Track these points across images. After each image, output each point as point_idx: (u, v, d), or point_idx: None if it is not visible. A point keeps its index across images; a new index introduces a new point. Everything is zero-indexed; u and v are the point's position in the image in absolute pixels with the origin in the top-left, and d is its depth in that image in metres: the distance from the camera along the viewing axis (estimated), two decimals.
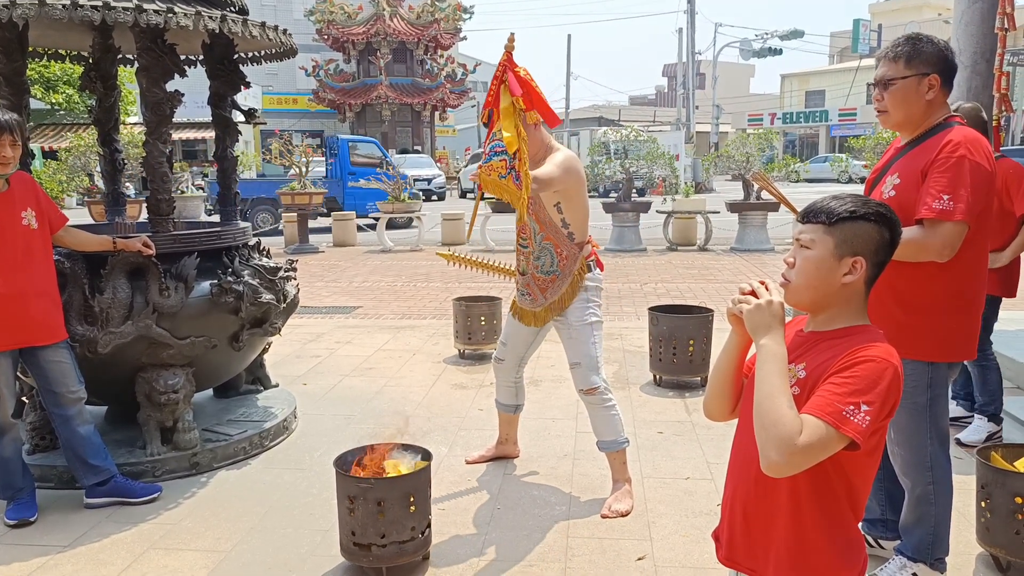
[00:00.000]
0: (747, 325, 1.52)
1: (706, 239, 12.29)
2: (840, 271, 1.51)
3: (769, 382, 1.43)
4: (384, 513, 2.62)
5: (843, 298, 1.53)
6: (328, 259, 11.74)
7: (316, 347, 6.10)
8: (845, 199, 1.54)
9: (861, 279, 1.51)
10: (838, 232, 1.51)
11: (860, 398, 1.38)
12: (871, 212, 1.52)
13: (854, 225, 1.51)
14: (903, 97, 2.38)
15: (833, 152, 38.35)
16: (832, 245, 1.51)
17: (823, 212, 1.53)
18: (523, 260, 3.35)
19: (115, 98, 4.33)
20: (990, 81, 4.84)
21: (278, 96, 37.88)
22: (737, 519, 1.62)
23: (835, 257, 1.51)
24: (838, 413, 1.37)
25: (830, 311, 1.55)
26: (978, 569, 2.73)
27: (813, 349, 1.53)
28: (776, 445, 1.37)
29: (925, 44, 2.36)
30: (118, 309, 3.41)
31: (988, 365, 3.88)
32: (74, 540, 3.03)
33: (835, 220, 1.51)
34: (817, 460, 1.39)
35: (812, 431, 1.37)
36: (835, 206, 1.53)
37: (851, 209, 1.51)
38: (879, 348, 1.46)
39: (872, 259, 1.52)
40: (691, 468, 3.64)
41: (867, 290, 1.54)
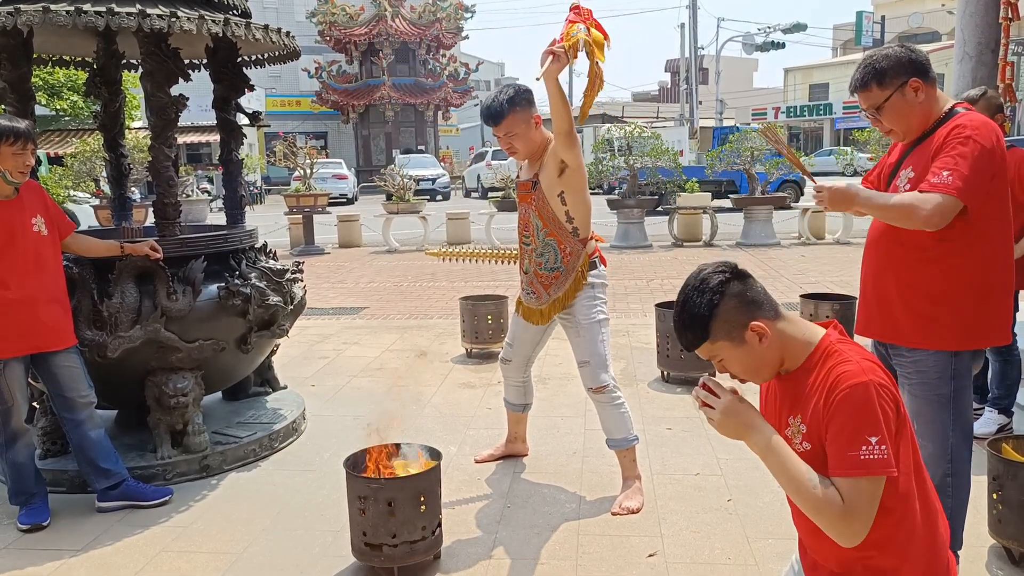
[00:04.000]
0: (727, 436, 1.56)
1: (712, 235, 12.27)
2: (754, 345, 1.54)
3: (784, 476, 1.47)
4: (395, 513, 2.62)
5: (780, 348, 1.56)
6: (334, 260, 11.76)
7: (324, 348, 6.12)
8: (687, 310, 1.56)
9: (772, 327, 1.54)
10: (718, 334, 1.55)
11: (865, 435, 1.41)
12: (712, 296, 1.54)
13: (717, 319, 1.54)
14: (898, 113, 2.39)
15: (838, 145, 38.22)
16: (728, 344, 1.55)
17: (692, 338, 1.57)
18: (526, 258, 3.35)
19: (120, 103, 4.35)
20: (995, 71, 4.82)
21: (281, 98, 37.96)
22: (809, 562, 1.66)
23: (741, 344, 1.55)
24: (858, 462, 1.40)
25: (785, 360, 1.58)
26: (991, 561, 2.72)
27: (800, 392, 1.55)
28: (833, 524, 1.42)
29: (882, 60, 2.36)
30: (127, 313, 3.42)
31: (1011, 360, 3.84)
32: (86, 544, 3.04)
33: (706, 333, 1.55)
34: (875, 509, 1.42)
35: (850, 493, 1.40)
36: (690, 324, 1.56)
37: (702, 315, 1.54)
38: (850, 371, 1.47)
39: (757, 310, 1.55)
40: (700, 464, 3.63)
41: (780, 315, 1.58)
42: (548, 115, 3.12)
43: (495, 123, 3.17)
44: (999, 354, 3.83)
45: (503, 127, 3.16)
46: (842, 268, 9.29)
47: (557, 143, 3.11)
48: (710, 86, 39.24)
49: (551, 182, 3.18)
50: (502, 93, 3.18)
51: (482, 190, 25.45)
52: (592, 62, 3.07)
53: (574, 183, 3.19)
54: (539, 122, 3.24)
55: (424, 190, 20.97)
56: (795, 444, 1.51)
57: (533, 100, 3.21)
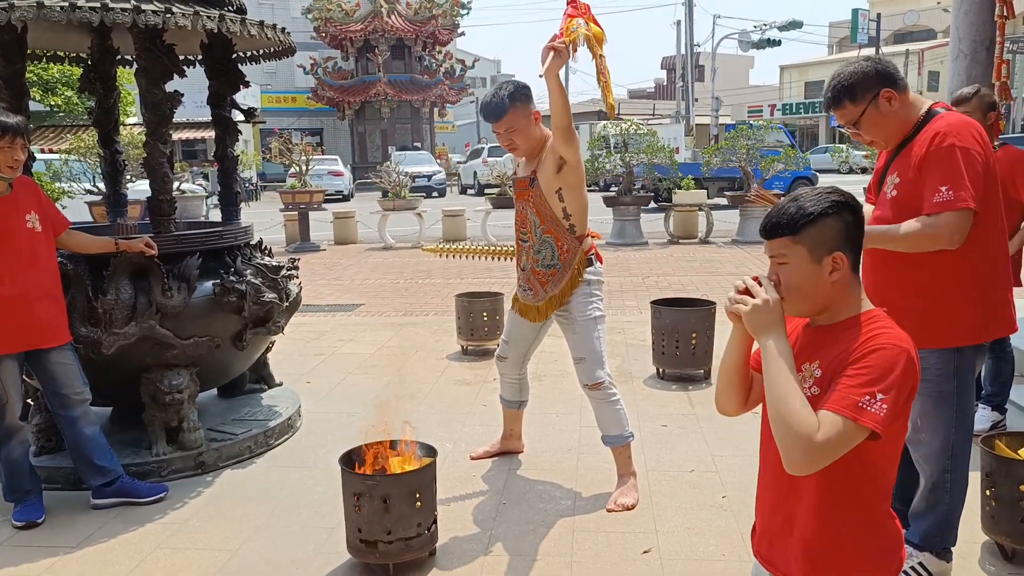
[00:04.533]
0: (747, 326, 1.52)
1: (707, 232, 12.28)
2: (824, 273, 1.50)
3: (779, 383, 1.44)
4: (390, 510, 2.63)
5: (838, 293, 1.53)
6: (330, 257, 11.74)
7: (319, 345, 6.11)
8: (799, 201, 1.52)
9: (847, 270, 1.51)
10: (806, 238, 1.49)
11: (875, 387, 1.38)
12: (828, 205, 1.50)
13: (818, 225, 1.49)
14: (875, 124, 2.42)
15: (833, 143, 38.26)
16: (806, 253, 1.50)
17: (783, 224, 1.51)
18: (523, 255, 3.35)
19: (114, 99, 4.33)
20: (990, 69, 4.83)
21: (277, 95, 37.86)
22: (767, 516, 1.63)
23: (814, 262, 1.50)
24: (854, 405, 1.38)
25: (831, 309, 1.54)
26: (984, 557, 2.73)
27: (824, 345, 1.52)
28: (796, 445, 1.39)
29: (849, 77, 2.39)
30: (121, 310, 3.41)
31: (1004, 357, 3.87)
32: (81, 541, 3.04)
33: (798, 228, 1.50)
34: (839, 455, 1.39)
35: (830, 426, 1.38)
36: (792, 213, 1.50)
37: (808, 212, 1.49)
38: (890, 335, 1.45)
39: (848, 247, 1.51)
40: (695, 461, 3.64)
41: (856, 273, 1.54)
42: (546, 112, 3.12)
43: (496, 119, 3.16)
44: (993, 351, 3.84)
45: (503, 123, 3.15)
46: None
47: (556, 138, 3.10)
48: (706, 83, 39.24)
49: (549, 179, 3.17)
50: (502, 89, 3.17)
51: (478, 187, 25.45)
52: (596, 56, 3.07)
53: (572, 180, 3.19)
54: (538, 118, 3.24)
55: (420, 187, 20.93)
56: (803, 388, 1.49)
57: (532, 96, 3.21)
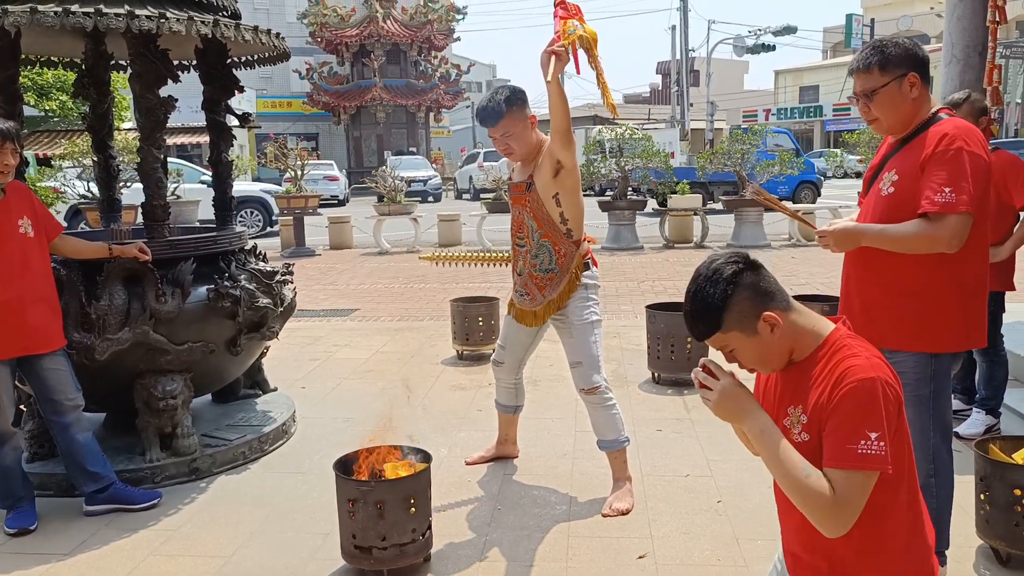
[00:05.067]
0: (721, 418, 1.55)
1: (702, 236, 12.30)
2: (766, 335, 1.52)
3: (775, 462, 1.46)
4: (384, 516, 2.62)
5: (791, 338, 1.55)
6: (325, 262, 11.73)
7: (314, 350, 6.10)
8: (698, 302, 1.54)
9: (784, 318, 1.53)
10: (731, 325, 1.52)
11: (865, 430, 1.40)
12: (724, 288, 1.51)
13: (730, 310, 1.51)
14: (890, 103, 2.39)
15: (828, 147, 38.39)
16: (740, 335, 1.53)
17: (704, 328, 1.54)
18: (520, 260, 3.35)
19: (109, 104, 4.33)
20: (982, 74, 4.85)
21: (272, 100, 37.83)
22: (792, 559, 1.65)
23: (752, 335, 1.53)
24: (854, 455, 1.39)
25: (794, 351, 1.57)
26: (978, 562, 2.73)
27: (801, 385, 1.54)
28: (820, 514, 1.41)
29: (891, 47, 2.37)
30: (115, 316, 3.40)
31: (997, 360, 3.87)
32: (74, 548, 3.02)
33: (719, 324, 1.52)
34: (863, 504, 1.41)
35: (842, 484, 1.40)
36: (702, 314, 1.53)
37: (715, 306, 1.51)
38: (859, 365, 1.46)
39: (769, 301, 1.53)
40: (691, 466, 3.64)
41: (791, 307, 1.56)
42: (542, 116, 3.12)
43: (492, 124, 3.15)
44: (986, 355, 3.85)
45: (500, 128, 3.15)
46: (832, 270, 9.32)
47: (554, 142, 3.10)
48: (701, 88, 39.37)
49: (546, 183, 3.17)
50: (498, 94, 3.17)
51: (474, 191, 25.45)
52: (592, 57, 3.07)
53: (569, 184, 3.18)
54: (534, 123, 3.24)
55: (415, 192, 20.94)
56: (793, 434, 1.50)
57: (527, 101, 3.21)
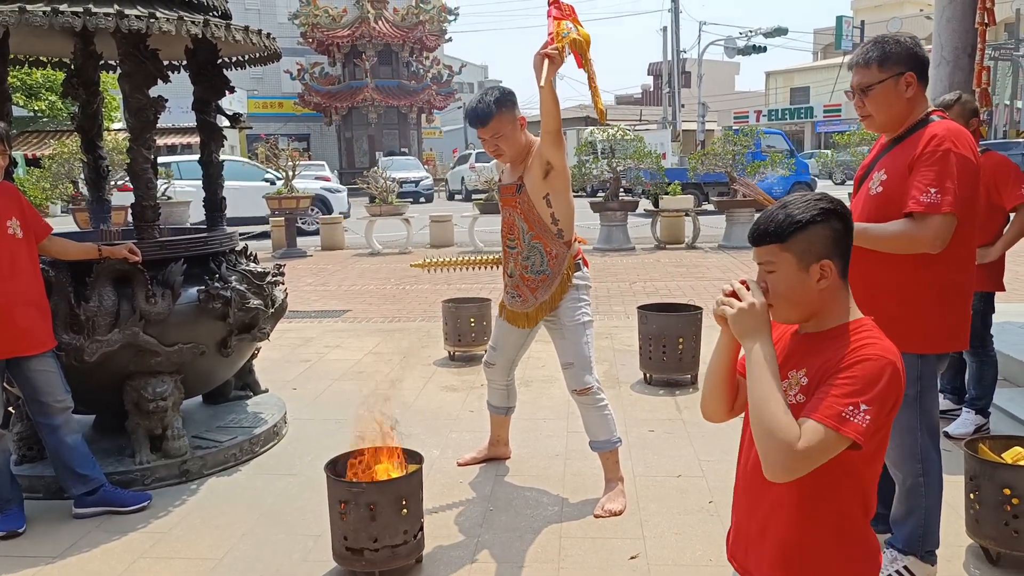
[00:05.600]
0: (732, 329, 1.52)
1: (694, 237, 12.33)
2: (812, 280, 1.50)
3: (761, 387, 1.43)
4: (376, 517, 2.61)
5: (826, 301, 1.53)
6: (316, 263, 11.69)
7: (306, 351, 6.08)
8: (787, 209, 1.51)
9: (835, 277, 1.51)
10: (794, 246, 1.49)
11: (859, 398, 1.38)
12: (816, 212, 1.50)
13: (806, 233, 1.49)
14: (884, 100, 2.40)
15: (819, 148, 38.53)
16: (794, 260, 1.50)
17: (771, 232, 1.51)
18: (511, 261, 3.35)
19: (98, 104, 4.30)
20: (971, 76, 4.88)
21: (263, 100, 37.72)
22: (743, 521, 1.62)
23: (802, 270, 1.50)
24: (837, 415, 1.38)
25: (819, 316, 1.54)
26: (968, 561, 2.75)
27: (812, 353, 1.52)
28: (776, 452, 1.38)
29: (892, 45, 2.38)
30: (104, 317, 3.38)
31: (987, 361, 3.88)
32: (63, 551, 3.00)
33: (787, 236, 1.49)
34: (818, 463, 1.39)
35: (812, 435, 1.37)
36: (780, 220, 1.50)
37: (796, 219, 1.49)
38: (877, 346, 1.45)
39: (836, 255, 1.51)
40: (683, 466, 3.64)
41: (845, 281, 1.54)
42: (532, 118, 3.12)
43: (482, 125, 3.15)
44: (976, 355, 3.87)
45: (490, 129, 3.14)
46: None
47: (545, 143, 3.10)
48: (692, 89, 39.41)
49: (536, 184, 3.17)
50: (488, 95, 3.17)
51: (466, 192, 25.45)
52: (586, 60, 3.06)
53: (559, 185, 3.19)
54: (524, 124, 3.24)
55: (407, 192, 20.90)
56: (789, 395, 1.49)
57: (517, 102, 3.21)
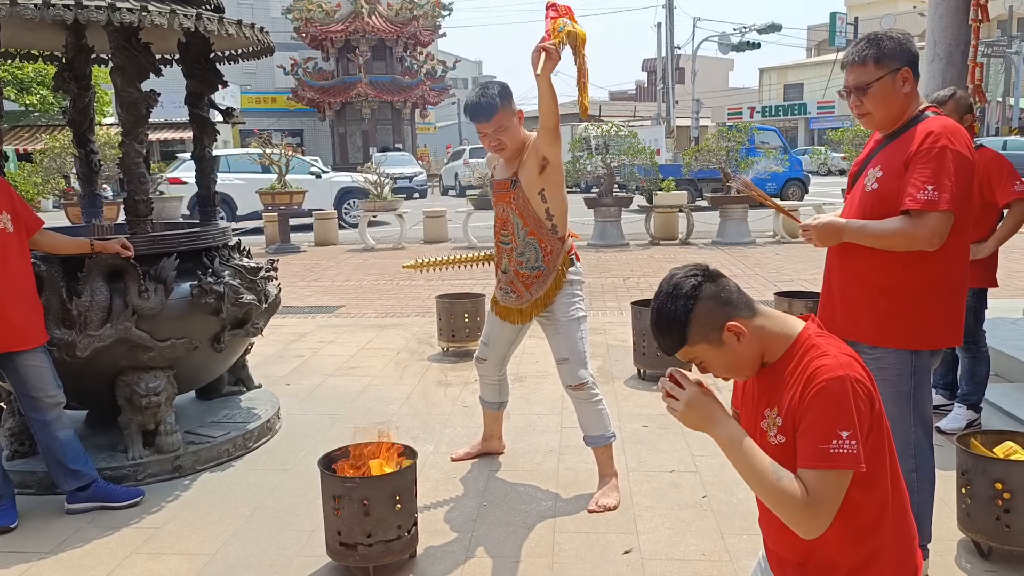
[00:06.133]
0: (688, 427, 1.55)
1: (688, 233, 12.34)
2: (732, 344, 1.53)
3: (746, 468, 1.46)
4: (370, 512, 2.61)
5: (760, 344, 1.55)
6: (310, 258, 11.67)
7: (299, 347, 6.07)
8: (663, 313, 1.54)
9: (748, 325, 1.54)
10: (696, 337, 1.53)
11: (836, 429, 1.40)
12: (685, 302, 1.52)
13: (693, 322, 1.52)
14: (882, 97, 2.40)
15: (812, 145, 38.63)
16: (707, 346, 1.54)
17: (672, 344, 1.55)
18: (505, 257, 3.34)
19: (90, 98, 4.27)
20: (965, 72, 4.89)
21: (257, 95, 37.57)
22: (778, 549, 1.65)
23: (718, 345, 1.54)
24: (826, 456, 1.40)
25: (766, 355, 1.58)
26: (960, 555, 2.76)
27: (776, 387, 1.54)
28: (796, 519, 1.41)
29: (887, 41, 2.38)
30: (97, 312, 3.37)
31: (980, 356, 3.90)
32: (55, 546, 2.99)
33: (685, 337, 1.53)
34: (839, 504, 1.42)
35: (816, 484, 1.40)
36: (669, 330, 1.54)
37: (680, 319, 1.52)
38: (828, 365, 1.46)
39: (732, 311, 1.54)
40: (676, 461, 3.65)
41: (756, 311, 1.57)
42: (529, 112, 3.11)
43: (486, 119, 3.11)
44: (968, 351, 3.89)
45: (493, 123, 3.12)
46: (816, 266, 9.38)
47: (542, 138, 3.09)
48: (686, 85, 39.47)
49: (532, 180, 3.16)
50: (490, 88, 3.14)
51: (459, 188, 25.41)
52: (580, 56, 3.05)
53: (554, 180, 3.18)
54: (521, 118, 3.24)
55: (401, 188, 20.86)
56: (770, 436, 1.51)
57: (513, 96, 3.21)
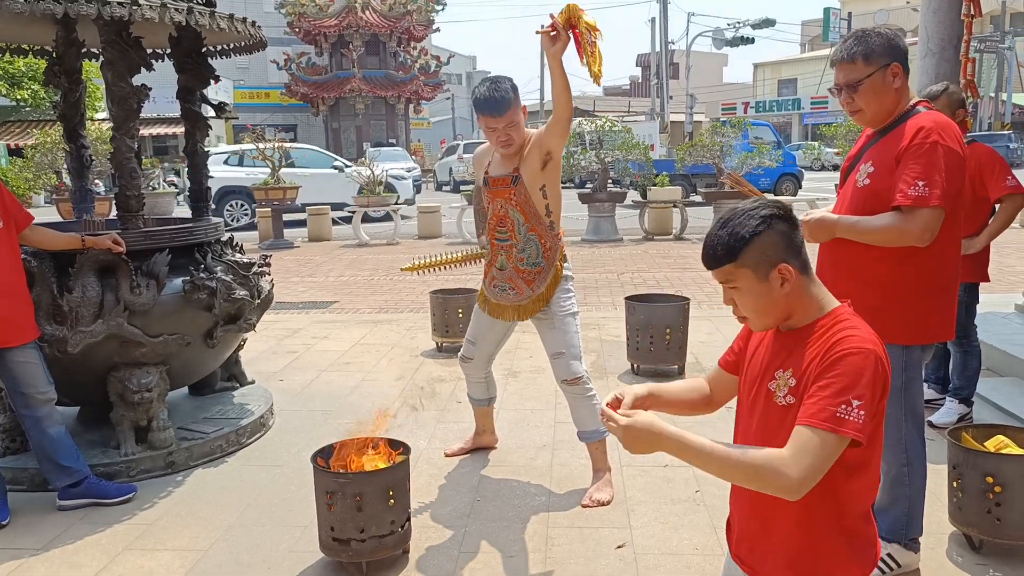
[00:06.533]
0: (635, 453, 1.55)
1: (682, 228, 12.36)
2: (775, 286, 1.50)
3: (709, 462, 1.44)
4: (363, 508, 2.60)
5: (795, 301, 1.53)
6: (303, 254, 11.64)
7: (293, 343, 6.06)
8: (729, 227, 1.51)
9: (796, 277, 1.51)
10: (747, 261, 1.49)
11: (849, 395, 1.37)
12: (757, 223, 1.49)
13: (753, 245, 1.49)
14: (874, 93, 2.40)
15: (806, 140, 38.68)
16: (751, 274, 1.50)
17: (720, 254, 1.51)
18: (503, 254, 3.30)
19: (80, 93, 4.25)
20: (958, 67, 4.90)
21: (250, 90, 37.42)
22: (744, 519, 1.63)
23: (762, 280, 1.50)
24: (832, 417, 1.37)
25: (793, 316, 1.54)
26: (951, 548, 2.78)
27: (794, 351, 1.51)
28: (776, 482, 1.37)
29: (874, 37, 2.38)
30: (88, 308, 3.35)
31: (971, 351, 3.91)
32: (47, 543, 2.98)
33: (736, 254, 1.49)
34: (824, 468, 1.37)
35: (809, 441, 1.36)
36: (726, 241, 1.50)
37: (741, 236, 1.49)
38: (856, 338, 1.45)
39: (791, 255, 1.51)
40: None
41: (809, 276, 1.54)
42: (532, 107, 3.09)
43: (500, 113, 3.05)
44: (960, 345, 3.90)
45: (507, 117, 3.06)
46: None
47: (554, 131, 3.05)
48: (680, 81, 39.45)
49: (534, 175, 3.14)
50: (501, 83, 3.09)
51: (453, 183, 25.36)
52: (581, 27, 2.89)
53: (554, 176, 3.18)
54: (525, 113, 3.22)
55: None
56: (777, 397, 1.49)
57: None
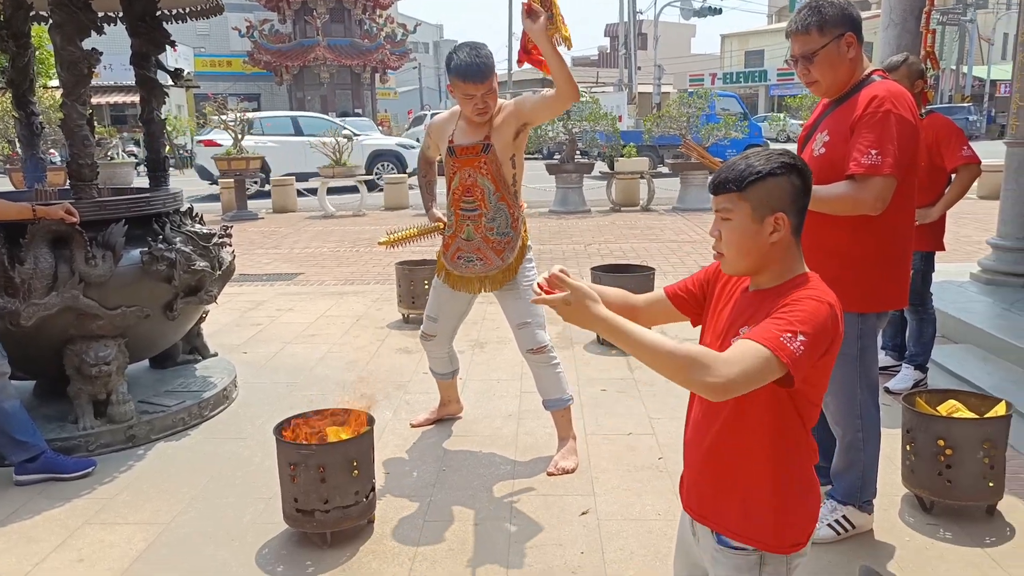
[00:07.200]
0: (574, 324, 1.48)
1: (649, 199, 12.40)
2: (765, 232, 1.50)
3: (642, 349, 1.40)
4: (326, 479, 2.60)
5: (777, 255, 1.53)
6: (268, 225, 11.47)
7: (257, 315, 5.98)
8: (749, 160, 1.52)
9: (788, 232, 1.52)
10: (751, 195, 1.50)
11: (797, 328, 1.40)
12: (776, 165, 1.51)
13: (764, 184, 1.50)
14: (829, 64, 2.41)
15: (772, 111, 38.95)
16: (749, 210, 1.50)
17: (731, 180, 1.51)
18: (469, 224, 3.26)
19: (29, 57, 4.11)
20: (919, 39, 4.94)
21: (211, 59, 36.53)
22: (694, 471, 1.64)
23: (756, 220, 1.50)
24: (775, 338, 1.38)
25: (769, 270, 1.55)
26: (903, 509, 2.86)
27: (759, 309, 1.52)
28: (703, 384, 1.36)
29: (828, 8, 2.38)
30: (41, 280, 3.27)
31: (926, 318, 4.00)
32: (4, 518, 2.93)
33: (745, 185, 1.50)
34: (751, 383, 1.37)
35: (746, 353, 1.37)
36: (741, 170, 1.51)
37: (758, 170, 1.50)
38: (819, 291, 1.48)
39: (792, 210, 1.52)
40: (633, 424, 3.70)
41: (797, 239, 1.55)
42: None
43: (483, 79, 3.02)
44: (916, 313, 3.99)
45: (487, 84, 3.05)
46: None
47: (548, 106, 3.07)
48: (648, 52, 39.36)
49: (506, 144, 3.13)
50: (482, 49, 3.06)
51: None
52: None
53: (522, 146, 3.19)
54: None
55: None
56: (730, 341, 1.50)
57: None
